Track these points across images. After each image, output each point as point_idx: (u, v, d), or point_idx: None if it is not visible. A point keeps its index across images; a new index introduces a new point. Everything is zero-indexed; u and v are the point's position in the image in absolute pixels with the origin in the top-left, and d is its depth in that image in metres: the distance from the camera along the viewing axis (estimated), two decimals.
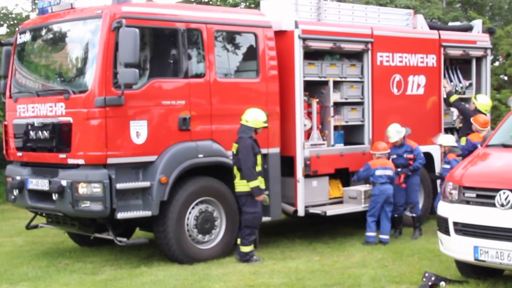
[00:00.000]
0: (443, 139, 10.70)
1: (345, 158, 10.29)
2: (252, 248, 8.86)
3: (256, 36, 9.57)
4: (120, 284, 7.89)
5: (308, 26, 10.02)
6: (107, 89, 8.28)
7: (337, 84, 10.42)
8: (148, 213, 8.53)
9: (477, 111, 11.31)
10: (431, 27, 11.95)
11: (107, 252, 9.73)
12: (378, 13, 11.37)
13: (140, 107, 8.52)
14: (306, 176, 9.90)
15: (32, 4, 18.13)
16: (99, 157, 8.35)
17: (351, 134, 10.72)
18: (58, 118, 8.67)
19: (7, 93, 9.64)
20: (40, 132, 8.94)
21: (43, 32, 9.42)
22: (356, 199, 10.28)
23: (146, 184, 8.54)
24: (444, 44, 11.67)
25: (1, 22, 18.42)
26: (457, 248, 7.10)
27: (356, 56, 10.74)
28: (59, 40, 9.34)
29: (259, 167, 8.82)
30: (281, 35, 9.86)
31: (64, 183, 8.50)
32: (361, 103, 10.71)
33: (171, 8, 9.19)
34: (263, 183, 8.95)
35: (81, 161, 8.44)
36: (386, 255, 8.97)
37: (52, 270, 8.78)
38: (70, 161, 8.54)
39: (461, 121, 11.81)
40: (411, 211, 10.51)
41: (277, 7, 10.20)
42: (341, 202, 10.42)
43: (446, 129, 11.83)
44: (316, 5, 10.54)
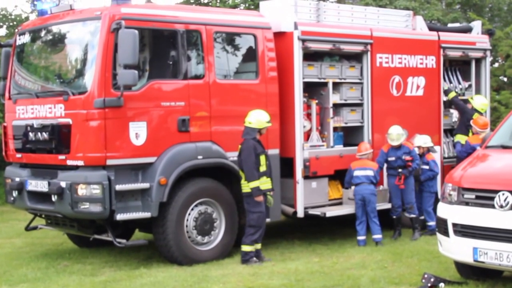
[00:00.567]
0: (421, 140, 10.71)
1: (344, 160, 10.28)
2: (252, 248, 8.86)
3: (255, 37, 9.57)
4: (120, 286, 7.88)
5: (308, 28, 10.02)
6: (107, 91, 8.28)
7: (336, 86, 10.42)
8: (147, 214, 8.52)
9: (474, 111, 11.31)
10: (431, 29, 11.94)
11: (107, 253, 9.73)
12: (378, 14, 11.37)
13: (140, 108, 8.52)
14: (306, 177, 9.90)
15: (31, 5, 18.11)
16: (98, 159, 8.34)
17: (351, 135, 10.71)
18: (57, 120, 8.68)
19: (7, 95, 9.64)
20: (39, 134, 8.94)
21: (42, 33, 9.43)
22: None
23: (145, 185, 8.54)
24: (443, 45, 11.67)
25: (1, 23, 18.41)
26: (456, 249, 7.09)
27: (356, 58, 10.74)
28: (58, 42, 9.35)
29: (263, 168, 8.80)
30: (280, 36, 9.86)
31: (63, 184, 8.50)
32: (360, 105, 10.71)
33: (170, 10, 9.20)
34: (269, 183, 8.91)
35: (80, 163, 8.44)
36: (385, 257, 8.97)
37: (51, 271, 8.78)
38: (70, 162, 8.53)
39: (457, 118, 11.82)
40: (409, 212, 10.48)
41: (277, 8, 10.20)
42: (340, 204, 10.42)
43: (445, 130, 11.83)
44: (315, 6, 10.54)
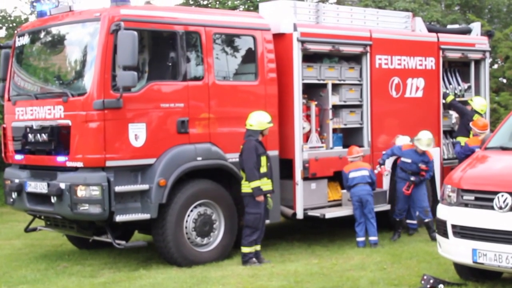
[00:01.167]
0: (402, 140, 10.63)
1: (344, 161, 10.27)
2: (251, 249, 8.86)
3: (254, 38, 9.57)
4: (119, 287, 7.87)
5: (307, 29, 10.03)
6: (106, 92, 8.28)
7: (335, 87, 10.43)
8: (146, 216, 8.52)
9: (473, 112, 11.32)
10: (430, 30, 11.95)
11: (106, 255, 9.73)
12: (377, 15, 11.38)
13: (139, 110, 8.52)
14: (305, 178, 9.91)
15: (31, 7, 18.11)
16: (97, 160, 8.34)
17: (350, 136, 10.72)
18: (56, 121, 8.68)
19: (6, 96, 9.64)
20: (38, 135, 8.94)
21: (41, 35, 9.43)
22: None
23: (144, 187, 8.54)
24: (442, 46, 11.68)
25: (0, 24, 18.40)
26: (455, 250, 7.09)
27: (355, 59, 10.75)
28: (57, 43, 9.35)
29: (263, 168, 8.80)
30: (279, 37, 9.86)
31: (62, 186, 8.49)
32: (359, 106, 10.71)
33: (169, 11, 9.21)
34: (270, 184, 8.91)
35: (79, 164, 8.44)
36: (384, 258, 8.96)
37: (50, 273, 8.77)
38: (69, 164, 8.53)
39: (458, 121, 11.82)
40: (425, 216, 10.37)
41: (276, 10, 10.21)
42: (339, 205, 10.42)
43: (445, 132, 11.84)
44: (314, 8, 10.56)
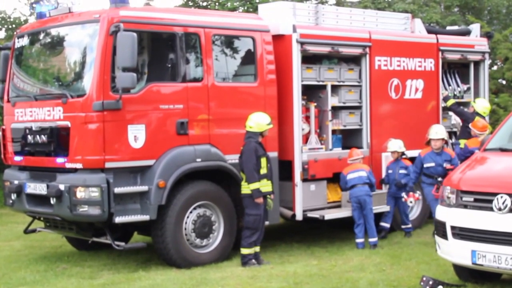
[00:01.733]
0: (395, 144, 10.53)
1: (343, 162, 10.28)
2: (251, 251, 8.85)
3: (254, 40, 9.58)
4: None
5: (306, 30, 10.03)
6: (105, 93, 8.28)
7: (335, 88, 10.43)
8: (146, 217, 8.52)
9: (475, 114, 11.31)
10: (429, 31, 11.96)
11: (105, 256, 9.72)
12: (376, 17, 11.39)
13: (138, 111, 8.52)
14: (304, 180, 9.90)
15: (30, 8, 18.12)
16: (97, 161, 8.34)
17: (349, 138, 10.71)
18: (56, 122, 8.67)
19: (5, 97, 9.63)
20: (38, 136, 8.94)
21: (41, 36, 9.42)
22: None
23: (144, 188, 8.53)
24: (442, 48, 11.69)
25: (0, 26, 18.41)
26: (454, 252, 7.09)
27: (354, 60, 10.75)
28: (57, 44, 9.34)
29: (263, 170, 8.80)
30: (279, 39, 9.87)
31: (62, 187, 8.49)
32: (359, 107, 10.71)
33: (169, 12, 9.20)
34: (270, 185, 8.92)
35: (79, 165, 8.43)
36: (384, 259, 8.96)
37: (50, 274, 8.77)
38: (68, 165, 8.53)
39: (459, 124, 11.83)
40: None
41: (275, 11, 10.22)
42: (339, 206, 10.40)
43: None
44: (314, 9, 10.56)
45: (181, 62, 8.84)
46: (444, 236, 7.18)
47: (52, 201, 8.61)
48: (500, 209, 6.71)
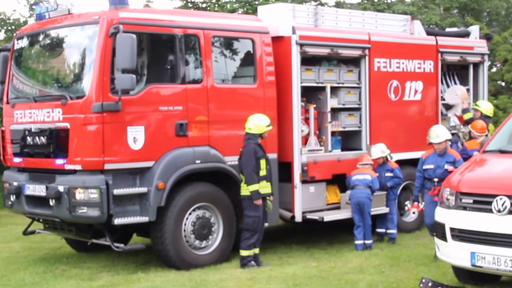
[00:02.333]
0: (378, 150, 10.37)
1: (342, 164, 10.29)
2: (250, 252, 8.85)
3: (253, 42, 9.58)
4: None
5: (306, 32, 10.03)
6: (104, 95, 8.28)
7: (334, 90, 10.43)
8: (145, 218, 8.51)
9: (483, 117, 11.27)
10: (429, 33, 11.97)
11: (104, 258, 9.71)
12: (376, 19, 11.39)
13: (137, 112, 8.51)
14: (304, 181, 9.90)
15: (29, 9, 18.14)
16: (96, 163, 8.33)
17: (349, 139, 10.72)
18: (55, 124, 8.67)
19: (4, 99, 9.63)
20: (37, 138, 8.93)
21: (40, 37, 9.42)
22: None
23: (143, 189, 8.52)
24: (441, 50, 11.70)
25: None
26: (454, 254, 7.09)
27: (354, 62, 10.75)
28: (56, 46, 9.34)
29: (263, 172, 8.80)
30: (278, 41, 9.87)
31: (61, 188, 8.49)
32: (358, 109, 10.71)
33: (168, 14, 9.20)
34: (269, 187, 8.92)
35: (78, 167, 8.43)
36: (383, 261, 8.96)
37: (49, 276, 8.76)
38: (67, 166, 8.52)
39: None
40: None
41: (275, 13, 10.22)
42: (338, 208, 10.41)
43: None
44: (313, 11, 10.56)
45: (181, 64, 8.84)
46: (443, 238, 7.18)
47: (51, 202, 8.60)
48: (499, 211, 6.71)
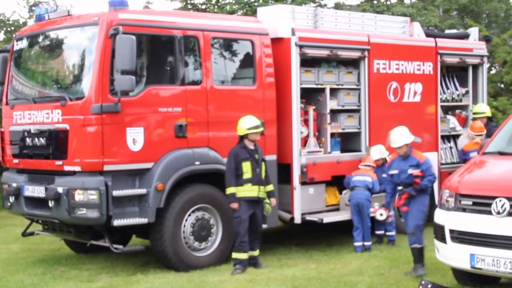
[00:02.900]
0: (377, 151, 10.29)
1: (342, 166, 10.28)
2: (238, 255, 8.69)
3: (253, 43, 9.58)
4: None
5: (305, 34, 10.03)
6: (104, 96, 8.27)
7: (333, 92, 10.43)
8: (144, 220, 8.50)
9: (477, 119, 11.26)
10: (428, 35, 11.96)
11: (103, 259, 9.70)
12: (375, 20, 11.38)
13: (137, 114, 8.51)
14: (303, 183, 9.89)
15: (29, 11, 18.14)
16: (95, 164, 8.33)
17: (348, 141, 10.72)
18: (54, 125, 8.66)
19: (4, 100, 9.62)
20: (36, 139, 8.92)
21: (40, 39, 9.41)
22: None
23: (142, 191, 8.52)
24: (440, 51, 11.69)
25: None
26: (453, 255, 7.09)
27: (353, 64, 10.75)
28: (56, 47, 9.33)
29: (247, 175, 8.67)
30: (278, 42, 9.86)
31: (60, 190, 8.48)
32: (357, 111, 10.71)
33: (168, 15, 9.20)
34: (255, 191, 8.73)
35: (77, 168, 8.42)
36: (382, 263, 8.95)
37: (48, 277, 8.75)
38: (67, 168, 8.52)
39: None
40: (411, 241, 8.33)
41: (274, 14, 10.21)
42: (337, 210, 10.40)
43: (442, 137, 11.84)
44: (313, 12, 10.56)
45: (180, 65, 8.83)
46: (442, 239, 7.18)
47: (50, 204, 8.59)
48: (498, 213, 6.71)
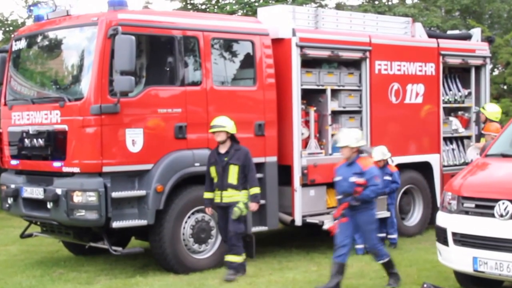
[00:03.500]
0: (379, 152, 10.14)
1: None
2: (228, 257, 8.52)
3: (253, 44, 9.51)
4: None
5: (306, 34, 9.97)
6: (103, 97, 8.22)
7: (335, 93, 10.36)
8: (143, 222, 8.45)
9: (488, 121, 11.18)
10: (430, 36, 11.90)
11: (102, 261, 9.65)
12: (376, 21, 11.32)
13: (136, 115, 8.46)
14: (304, 185, 9.83)
15: (28, 11, 18.08)
16: (94, 165, 8.27)
17: None
18: (53, 126, 8.62)
19: (2, 101, 9.58)
20: (35, 140, 8.88)
21: (38, 39, 9.37)
22: None
23: (141, 192, 8.47)
24: (443, 52, 11.63)
25: None
26: (456, 258, 7.03)
27: (354, 65, 10.69)
28: (54, 47, 9.29)
29: (215, 179, 8.45)
30: (278, 43, 9.80)
31: (59, 191, 8.43)
32: (359, 112, 10.64)
33: (167, 16, 9.15)
34: (218, 196, 8.44)
35: (76, 169, 8.37)
36: None
37: (46, 279, 8.70)
38: (65, 169, 8.47)
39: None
40: (377, 259, 7.83)
41: (275, 14, 10.15)
42: None
43: (445, 139, 11.76)
44: (313, 13, 10.49)
45: (180, 66, 8.78)
46: (445, 242, 7.12)
47: (49, 205, 8.54)
48: (501, 216, 6.65)
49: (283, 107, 9.76)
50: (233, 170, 8.40)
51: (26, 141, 9.03)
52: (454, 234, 7.01)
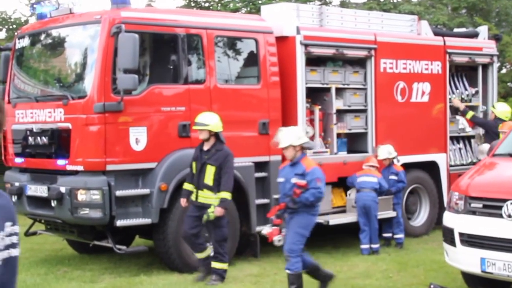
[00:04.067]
0: (384, 151, 10.17)
1: (348, 167, 10.14)
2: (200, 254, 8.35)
3: (257, 41, 9.45)
4: None
5: (310, 32, 9.90)
6: (106, 95, 8.17)
7: (339, 91, 10.29)
8: (147, 220, 8.41)
9: (497, 120, 11.09)
10: (436, 34, 11.81)
11: (106, 260, 9.61)
12: (382, 19, 11.24)
13: (140, 113, 8.41)
14: None
15: (31, 9, 18.07)
16: (98, 164, 8.24)
17: (354, 142, 10.57)
18: (57, 124, 8.58)
19: (6, 99, 9.54)
20: (38, 138, 8.85)
21: (42, 37, 9.34)
22: None
23: (145, 191, 8.42)
24: (449, 50, 11.53)
25: (0, 26, 18.34)
26: (463, 259, 6.96)
27: (359, 63, 10.61)
28: (57, 46, 9.27)
29: (195, 175, 8.22)
30: (282, 41, 9.73)
31: (63, 189, 8.39)
32: (364, 111, 10.57)
33: (171, 13, 9.11)
34: (194, 194, 8.20)
35: (80, 168, 8.34)
36: (390, 266, 8.82)
37: (50, 277, 8.66)
38: (69, 167, 8.44)
39: (484, 134, 11.60)
40: (286, 265, 7.40)
41: (278, 12, 10.08)
42: (344, 211, 10.28)
43: (451, 138, 11.67)
44: (318, 10, 10.42)
45: (183, 64, 8.72)
46: (452, 243, 7.04)
47: (53, 203, 8.51)
48: (509, 216, 6.56)
49: (287, 105, 9.69)
50: (209, 170, 8.04)
51: (30, 139, 9.00)
52: (461, 234, 6.93)
